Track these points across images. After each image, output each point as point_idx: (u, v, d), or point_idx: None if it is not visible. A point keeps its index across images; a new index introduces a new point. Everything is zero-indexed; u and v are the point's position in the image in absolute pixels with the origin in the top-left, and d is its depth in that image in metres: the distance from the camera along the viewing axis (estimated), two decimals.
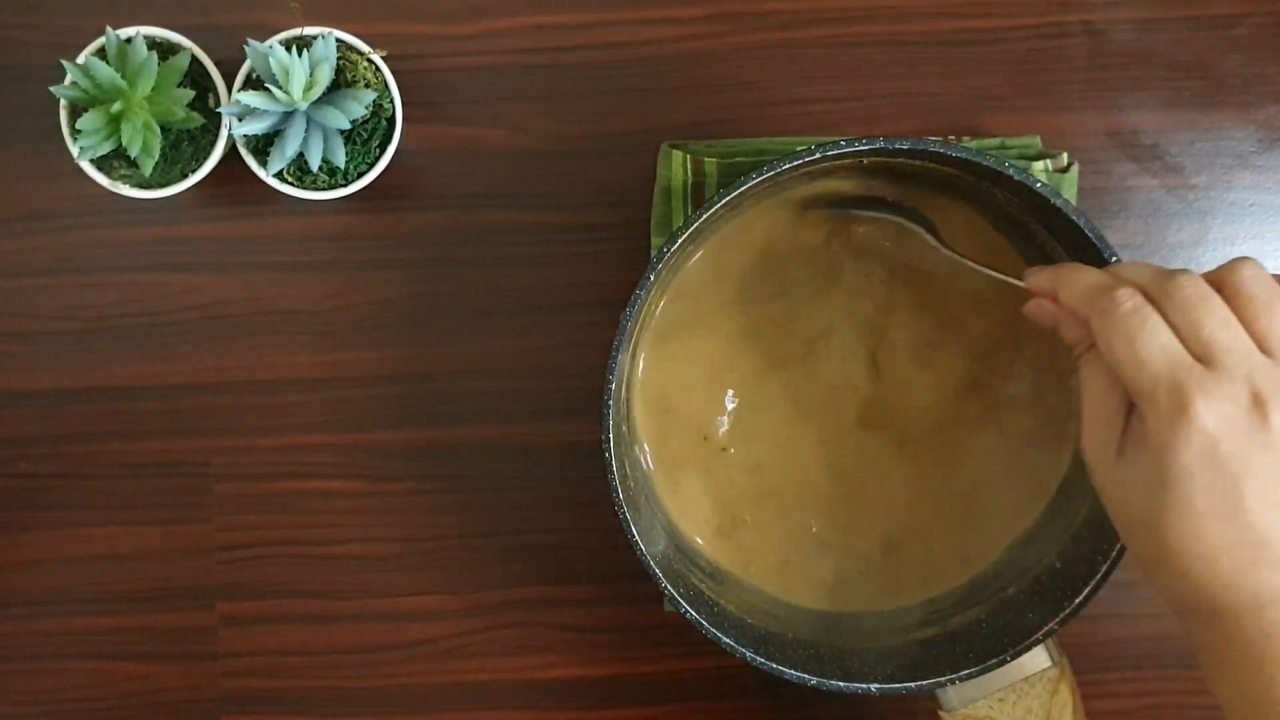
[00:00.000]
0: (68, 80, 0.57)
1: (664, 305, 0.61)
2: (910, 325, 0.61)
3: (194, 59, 0.59)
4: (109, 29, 0.58)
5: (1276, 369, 0.42)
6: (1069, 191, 0.63)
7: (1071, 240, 0.55)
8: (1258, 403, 0.42)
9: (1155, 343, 0.43)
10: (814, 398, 0.62)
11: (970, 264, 0.55)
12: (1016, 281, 0.51)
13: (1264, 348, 0.43)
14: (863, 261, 0.60)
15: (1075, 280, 0.47)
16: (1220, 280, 0.44)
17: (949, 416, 0.61)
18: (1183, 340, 0.43)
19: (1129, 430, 0.44)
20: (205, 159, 0.60)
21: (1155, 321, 0.43)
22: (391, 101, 0.60)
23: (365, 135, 0.60)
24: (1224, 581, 0.43)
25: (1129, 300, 0.44)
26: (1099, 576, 0.55)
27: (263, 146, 0.60)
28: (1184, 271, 0.44)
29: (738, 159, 0.63)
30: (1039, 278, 0.49)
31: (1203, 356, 0.42)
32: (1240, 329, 0.43)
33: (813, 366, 0.62)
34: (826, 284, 0.61)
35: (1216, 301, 0.43)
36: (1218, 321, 0.43)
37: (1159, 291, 0.44)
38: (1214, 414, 0.41)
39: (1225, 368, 0.42)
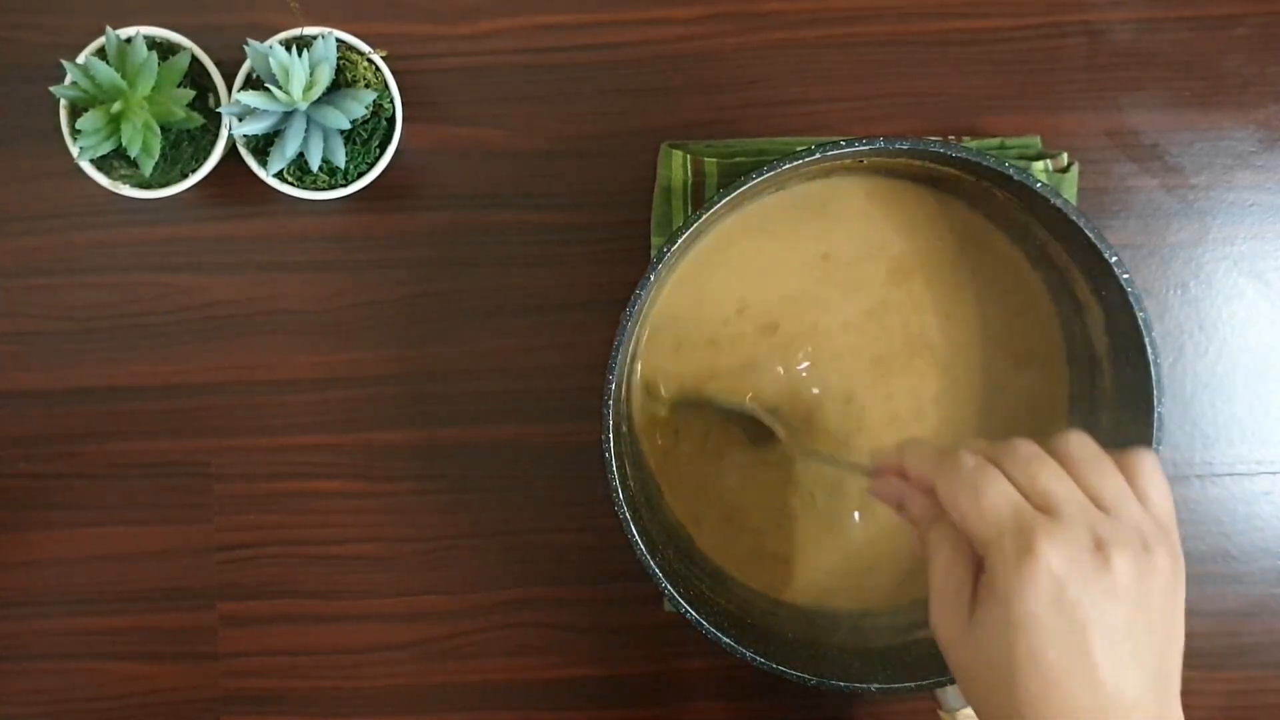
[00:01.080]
0: (68, 80, 0.58)
1: (664, 300, 0.61)
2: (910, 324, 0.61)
3: (194, 59, 0.59)
4: (109, 29, 0.58)
5: (1113, 521, 0.43)
6: (1069, 191, 0.63)
7: (1071, 240, 0.55)
8: (1099, 546, 0.42)
9: (997, 493, 0.44)
10: (815, 395, 0.62)
11: (822, 459, 0.58)
12: (860, 466, 0.52)
13: (1098, 504, 0.44)
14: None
15: (918, 451, 0.48)
16: (1051, 447, 0.46)
17: (948, 410, 0.62)
18: (1023, 493, 0.44)
19: (977, 593, 0.45)
20: (205, 159, 0.60)
21: (995, 474, 0.44)
22: (391, 101, 0.60)
23: (365, 135, 0.60)
24: None
25: (971, 459, 0.45)
26: None
27: (263, 146, 0.60)
28: (1018, 438, 0.46)
29: (738, 159, 0.63)
30: (884, 455, 0.51)
31: (1043, 506, 0.44)
32: (1073, 484, 0.44)
33: (813, 368, 0.62)
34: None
35: (1051, 461, 0.45)
36: (1053, 475, 0.44)
37: (996, 453, 0.45)
38: (1058, 555, 0.42)
39: (1066, 515, 0.43)
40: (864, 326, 0.61)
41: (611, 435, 0.54)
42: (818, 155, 0.53)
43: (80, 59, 0.59)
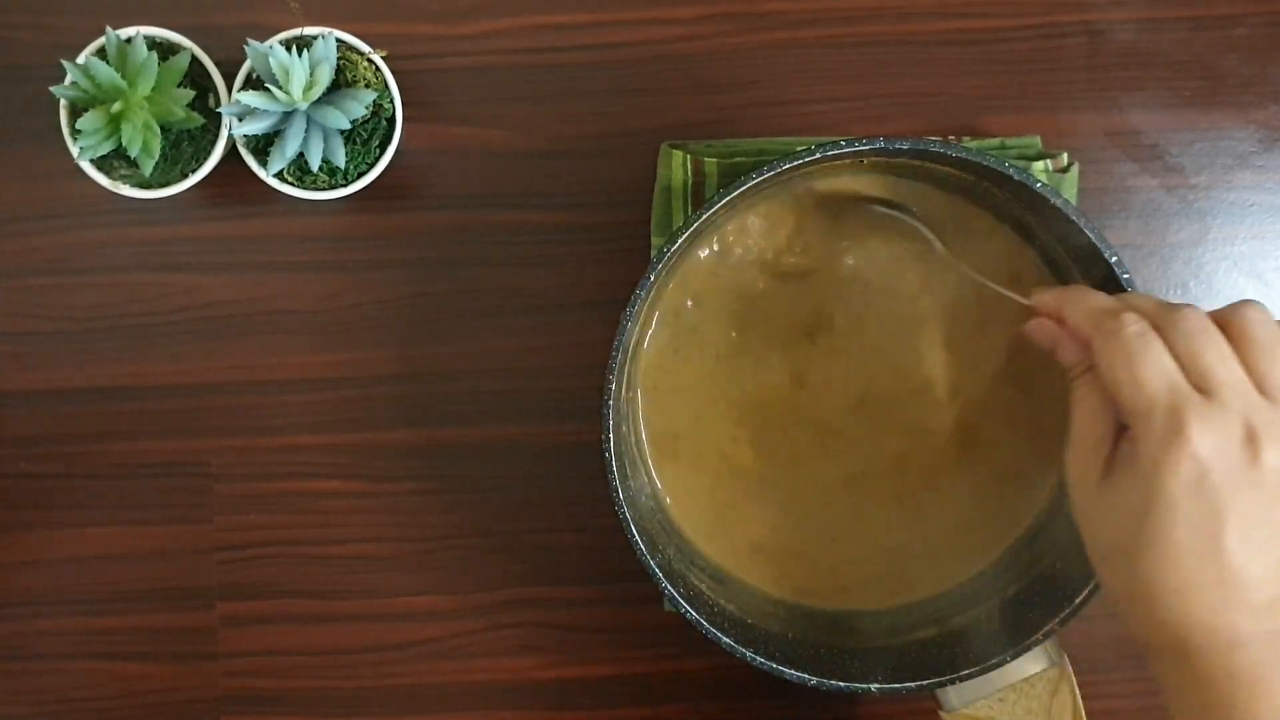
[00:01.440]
0: (68, 80, 0.58)
1: (663, 308, 0.61)
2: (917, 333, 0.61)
3: (194, 59, 0.59)
4: (109, 29, 0.58)
5: (1273, 410, 0.42)
6: (1069, 191, 0.63)
7: (1071, 240, 0.55)
8: (1251, 438, 0.42)
9: (1156, 366, 0.43)
10: (817, 401, 0.62)
11: (977, 277, 0.55)
12: (1021, 299, 0.51)
13: (1261, 389, 0.43)
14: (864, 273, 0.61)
15: (1082, 301, 0.47)
16: (1225, 320, 0.44)
17: (953, 422, 0.62)
18: (1183, 369, 0.43)
19: (1115, 455, 0.44)
20: (205, 159, 0.60)
21: (1158, 347, 0.43)
22: (391, 101, 0.60)
23: (365, 135, 0.60)
24: (1194, 620, 0.43)
25: (1135, 324, 0.44)
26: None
27: (263, 146, 0.60)
28: (1189, 305, 0.45)
29: (738, 159, 0.63)
30: (1044, 296, 0.49)
31: (1201, 387, 0.42)
32: (1239, 366, 0.43)
33: (814, 369, 0.62)
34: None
35: (1219, 336, 0.43)
36: (1218, 355, 0.43)
37: (1163, 321, 0.44)
38: (1208, 442, 0.41)
39: (1223, 400, 0.42)
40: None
41: (611, 435, 0.54)
42: (818, 155, 0.53)
43: (80, 59, 0.59)
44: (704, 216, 0.53)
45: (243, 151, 0.60)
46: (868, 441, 0.62)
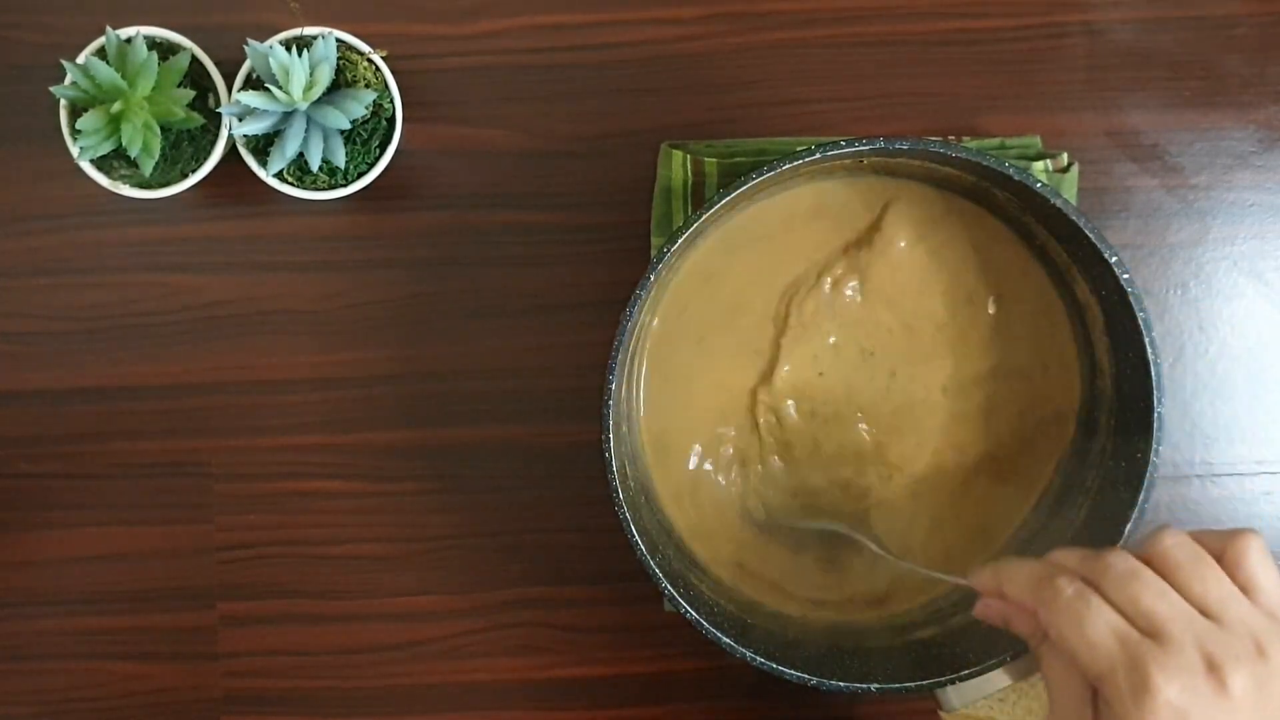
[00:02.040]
0: (68, 80, 0.58)
1: (663, 306, 0.61)
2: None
3: (194, 59, 0.59)
4: (109, 29, 0.58)
5: (1221, 631, 0.43)
6: (1069, 191, 0.63)
7: (1071, 240, 0.55)
8: (1213, 668, 0.42)
9: (1101, 623, 0.43)
10: (816, 401, 0.62)
11: (916, 569, 0.57)
12: (960, 581, 0.52)
13: (1205, 613, 0.43)
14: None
15: (1014, 574, 0.48)
16: (1148, 555, 0.45)
17: (949, 420, 0.62)
18: (1127, 617, 0.43)
19: (1098, 716, 0.44)
20: (205, 159, 0.60)
21: (1097, 603, 0.44)
22: (391, 101, 0.60)
23: (365, 135, 0.60)
24: None
25: (1069, 587, 0.44)
26: None
27: (263, 146, 0.60)
28: (1112, 550, 0.45)
29: (738, 159, 0.63)
30: (981, 577, 0.50)
31: (1149, 631, 0.43)
32: (1177, 597, 0.43)
33: (814, 369, 0.62)
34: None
35: (1148, 573, 0.44)
36: (1154, 593, 0.43)
37: (1092, 573, 0.45)
38: (1175, 687, 0.42)
39: (1173, 638, 0.42)
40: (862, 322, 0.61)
41: (611, 435, 0.54)
42: (818, 155, 0.53)
43: (80, 59, 0.59)
44: (704, 216, 0.53)
45: (243, 151, 0.60)
46: (866, 446, 0.62)
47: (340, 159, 0.59)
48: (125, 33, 0.59)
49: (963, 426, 0.61)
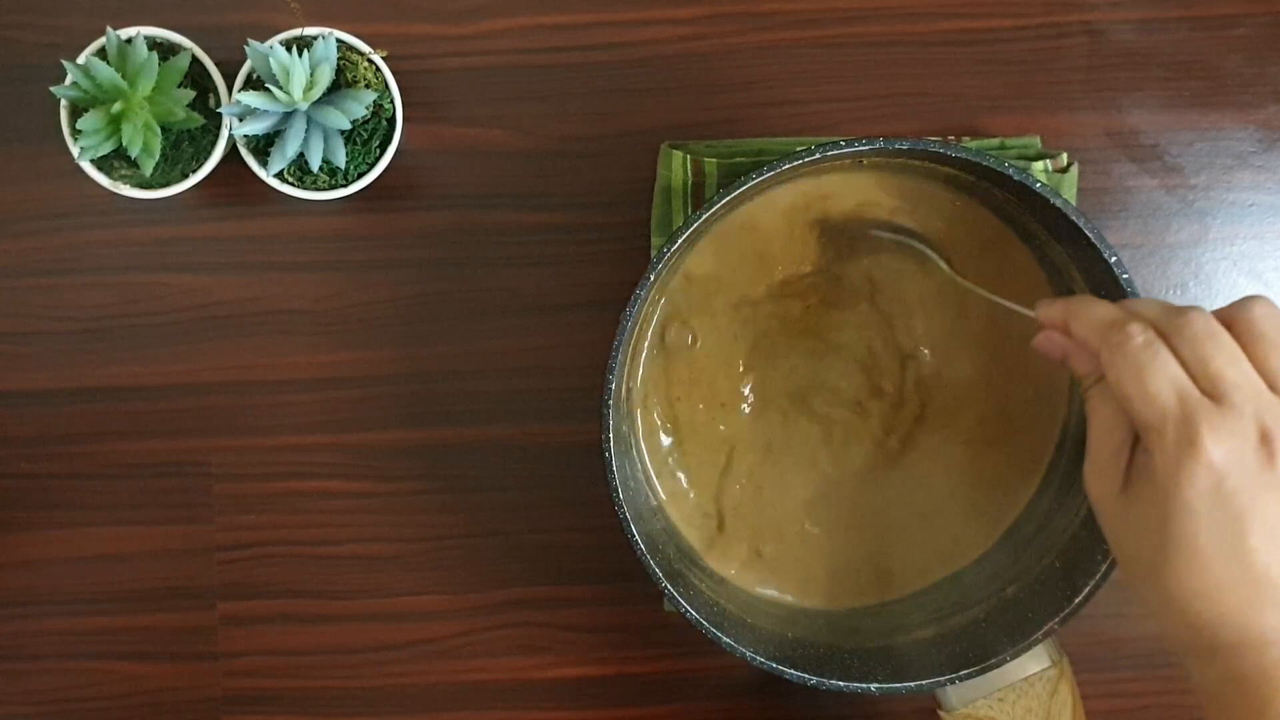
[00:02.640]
0: (68, 80, 0.58)
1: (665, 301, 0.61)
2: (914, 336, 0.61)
3: (194, 59, 0.59)
4: (109, 29, 0.58)
5: None
6: (1069, 191, 0.63)
7: (1071, 240, 0.55)
8: (1265, 440, 0.41)
9: (1164, 376, 0.42)
10: (814, 400, 0.62)
11: (981, 292, 0.55)
12: (1026, 311, 0.51)
13: (1273, 386, 0.42)
14: (866, 286, 0.61)
15: (1086, 313, 0.47)
16: (1231, 318, 0.44)
17: (945, 418, 0.62)
18: (1192, 376, 0.42)
19: (1134, 465, 0.44)
20: (205, 159, 0.60)
21: (1165, 356, 0.43)
22: (391, 101, 0.60)
23: (365, 135, 0.60)
24: (1225, 621, 0.43)
25: (1140, 334, 0.43)
26: (1099, 576, 0.55)
27: (263, 146, 0.60)
28: (1195, 308, 0.44)
29: (738, 159, 0.63)
30: (1050, 309, 0.49)
31: (1211, 392, 0.42)
32: (1249, 366, 0.42)
33: (814, 370, 0.62)
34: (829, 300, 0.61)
35: (1226, 338, 0.43)
36: (1227, 358, 0.42)
37: (1169, 327, 0.44)
38: (1222, 449, 0.41)
39: (1233, 404, 0.42)
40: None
41: (611, 435, 0.54)
42: (818, 155, 0.53)
43: (80, 59, 0.59)
44: (704, 216, 0.53)
45: (243, 151, 0.60)
46: (868, 438, 0.62)
47: (340, 159, 0.59)
48: (126, 33, 0.59)
49: (959, 422, 0.62)
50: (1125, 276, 0.53)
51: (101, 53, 0.59)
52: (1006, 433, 0.61)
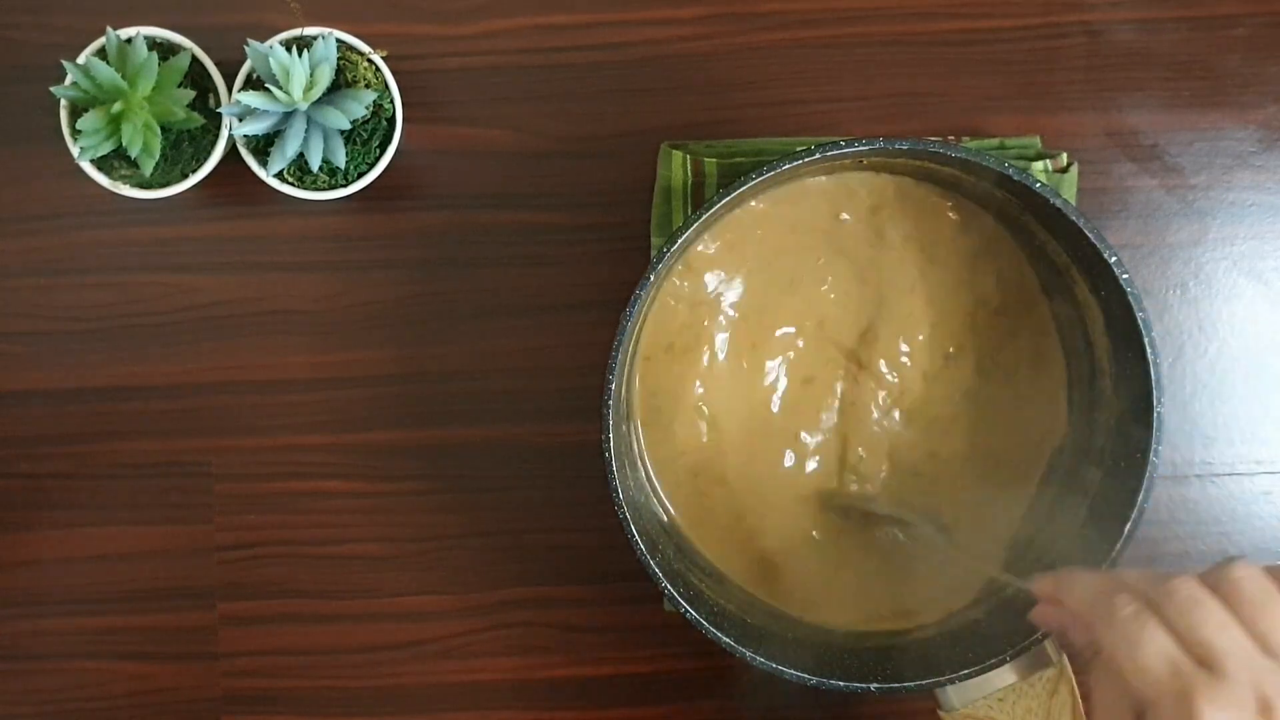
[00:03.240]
0: (68, 80, 0.58)
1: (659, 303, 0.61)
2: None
3: (194, 59, 0.59)
4: (109, 29, 0.58)
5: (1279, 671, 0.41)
6: (1069, 191, 0.63)
7: (1071, 240, 0.55)
8: (1265, 709, 0.41)
9: (1155, 648, 0.42)
10: (814, 400, 0.62)
11: (978, 564, 0.57)
12: (1023, 585, 0.51)
13: (1266, 650, 0.42)
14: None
15: (1075, 586, 0.47)
16: (1215, 582, 0.43)
17: (948, 411, 0.62)
18: (1184, 645, 0.42)
19: None
20: (205, 159, 0.60)
21: (1153, 627, 0.42)
22: (391, 101, 0.60)
23: (365, 135, 0.60)
24: None
25: (1127, 605, 0.43)
26: None
27: (263, 146, 0.60)
28: (1179, 574, 0.44)
29: (738, 159, 0.63)
30: (1043, 583, 0.49)
31: (1205, 661, 0.41)
32: (1240, 631, 0.42)
33: (814, 369, 0.62)
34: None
35: (1213, 604, 0.42)
36: (1216, 624, 0.42)
37: (1156, 595, 0.43)
38: None
39: (1228, 673, 0.41)
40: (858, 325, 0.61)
41: (611, 435, 0.54)
42: (818, 155, 0.53)
43: (80, 59, 0.59)
44: (704, 216, 0.53)
45: (243, 151, 0.60)
46: (865, 442, 0.62)
47: (340, 159, 0.59)
48: (125, 33, 0.59)
49: (956, 422, 0.62)
50: (1125, 276, 0.53)
51: (101, 53, 0.59)
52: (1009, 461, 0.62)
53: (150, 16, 0.61)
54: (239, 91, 0.59)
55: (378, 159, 0.61)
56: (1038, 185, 0.53)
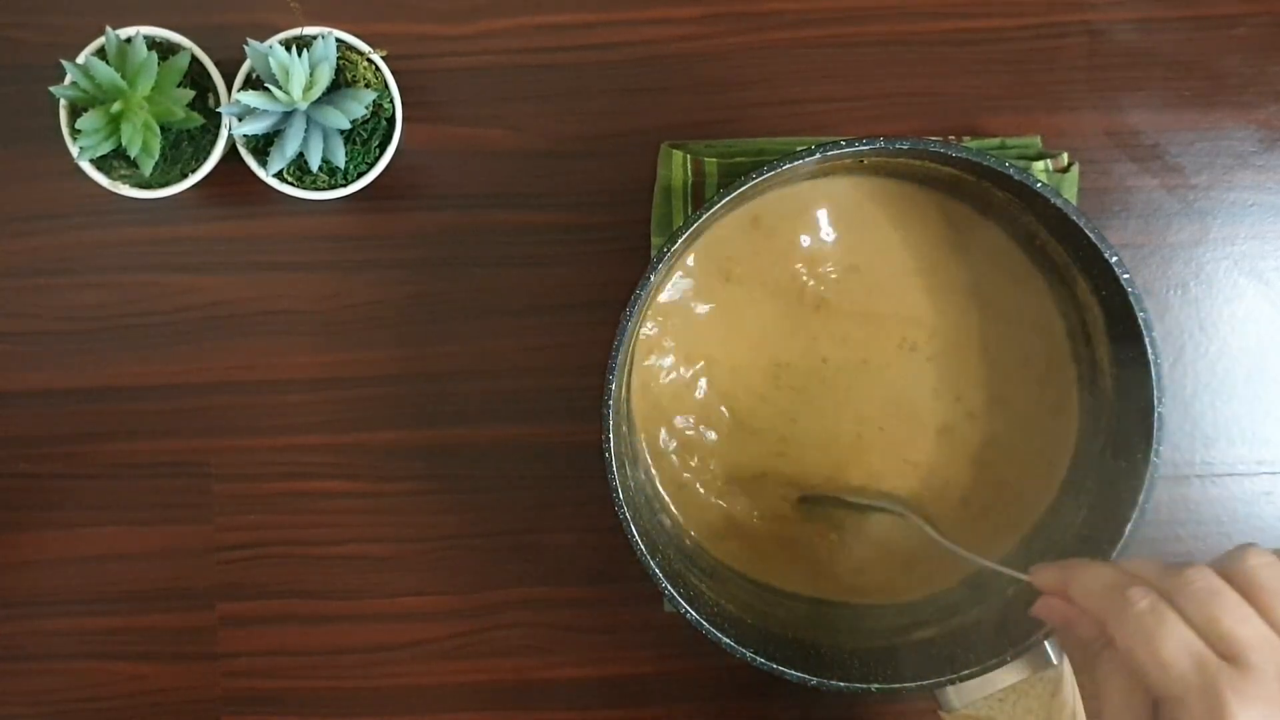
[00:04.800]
0: (68, 80, 0.58)
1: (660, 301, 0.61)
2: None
3: (194, 59, 0.59)
4: (109, 29, 0.58)
5: None
6: (1069, 191, 0.63)
7: (1072, 240, 0.55)
8: None
9: (1176, 642, 0.41)
10: (814, 395, 0.62)
11: (969, 556, 0.55)
12: (1022, 576, 0.50)
13: None
14: None
15: (1085, 578, 0.45)
16: (1230, 572, 0.42)
17: (953, 412, 0.62)
18: (1203, 637, 0.41)
19: None
20: (205, 159, 0.60)
21: (1173, 620, 0.41)
22: (391, 101, 0.60)
23: (365, 135, 0.60)
24: None
25: (1143, 599, 0.42)
26: None
27: (263, 146, 0.60)
28: (1193, 566, 0.43)
29: (738, 159, 0.63)
30: (1046, 575, 0.48)
31: (1228, 654, 0.40)
32: (1260, 621, 0.41)
33: (814, 368, 0.62)
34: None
35: (1230, 594, 0.41)
36: (1236, 615, 0.41)
37: (1171, 587, 0.42)
38: (1252, 715, 0.39)
39: (1253, 665, 0.40)
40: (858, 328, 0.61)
41: (611, 435, 0.54)
42: (818, 155, 0.53)
43: (80, 59, 0.59)
44: (704, 216, 0.53)
45: (243, 151, 0.60)
46: (865, 437, 0.62)
47: (340, 159, 0.59)
48: (125, 33, 0.59)
49: (955, 424, 0.61)
50: (1126, 276, 0.53)
51: (101, 52, 0.59)
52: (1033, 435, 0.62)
53: (150, 16, 0.61)
54: (238, 91, 0.59)
55: (377, 159, 0.60)
56: (1038, 185, 0.53)
